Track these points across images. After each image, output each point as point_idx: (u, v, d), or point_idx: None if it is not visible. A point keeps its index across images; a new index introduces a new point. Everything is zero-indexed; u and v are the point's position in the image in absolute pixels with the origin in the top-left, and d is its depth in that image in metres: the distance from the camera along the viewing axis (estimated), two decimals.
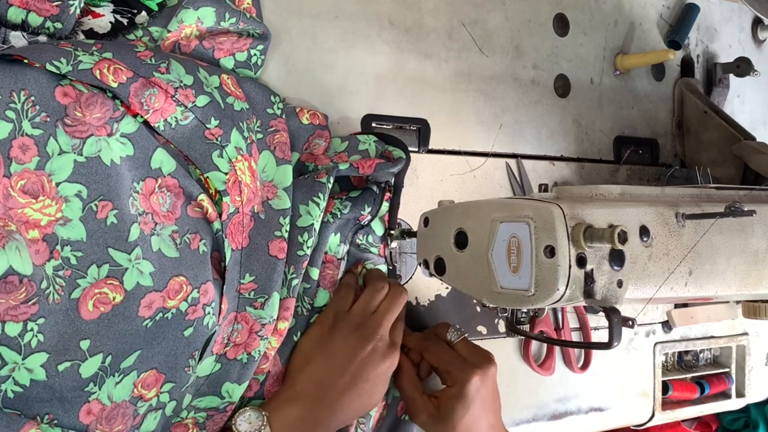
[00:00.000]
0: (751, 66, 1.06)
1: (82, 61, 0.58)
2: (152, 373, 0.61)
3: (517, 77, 0.92)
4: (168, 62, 0.62)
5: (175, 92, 0.62)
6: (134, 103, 0.60)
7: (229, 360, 0.66)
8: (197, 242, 0.64)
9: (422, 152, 0.83)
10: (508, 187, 0.89)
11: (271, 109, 0.72)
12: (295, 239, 0.69)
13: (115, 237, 0.59)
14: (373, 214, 0.75)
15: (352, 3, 0.81)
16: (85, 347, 0.56)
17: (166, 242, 0.62)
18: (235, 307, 0.66)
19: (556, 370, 0.90)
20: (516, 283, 0.59)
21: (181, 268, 0.62)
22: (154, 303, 0.60)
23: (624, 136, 1.01)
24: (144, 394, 0.61)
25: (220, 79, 0.67)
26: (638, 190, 0.71)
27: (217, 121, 0.64)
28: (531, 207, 0.58)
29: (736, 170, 0.99)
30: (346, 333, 0.69)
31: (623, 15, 1.02)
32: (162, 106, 0.61)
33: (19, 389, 0.54)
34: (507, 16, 0.91)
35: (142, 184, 0.61)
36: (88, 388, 0.57)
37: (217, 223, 0.65)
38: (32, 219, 0.56)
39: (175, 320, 0.61)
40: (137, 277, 0.59)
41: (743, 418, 1.18)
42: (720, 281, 0.68)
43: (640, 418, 0.99)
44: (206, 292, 0.63)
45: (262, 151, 0.69)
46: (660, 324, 1.01)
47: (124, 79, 0.59)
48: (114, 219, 0.59)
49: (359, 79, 0.81)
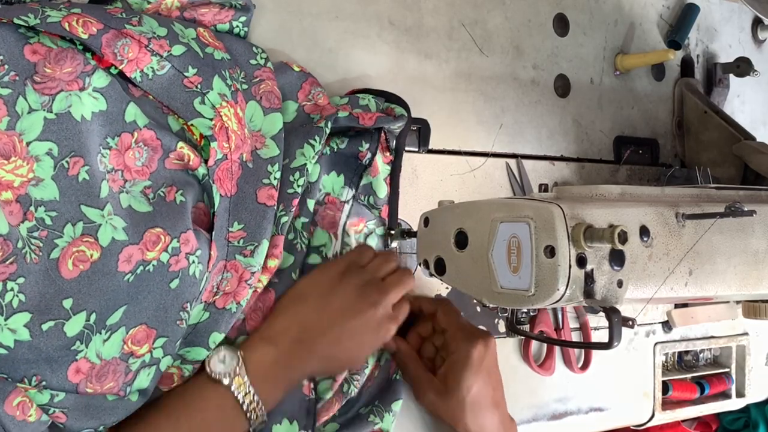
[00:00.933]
0: (751, 66, 1.06)
1: (50, 15, 0.57)
2: (142, 329, 0.60)
3: (517, 77, 0.92)
4: (140, 16, 0.62)
5: (148, 42, 0.61)
6: (107, 54, 0.59)
7: (217, 309, 0.64)
8: (173, 194, 0.63)
9: (422, 152, 0.83)
10: (508, 187, 0.89)
11: (254, 60, 0.71)
12: (286, 179, 0.68)
13: (87, 193, 0.58)
14: (373, 152, 0.74)
15: (352, 3, 0.81)
16: (68, 306, 0.56)
17: (136, 198, 0.61)
18: (225, 255, 0.65)
19: (556, 370, 0.90)
20: (516, 283, 0.59)
21: (156, 220, 0.61)
22: (133, 256, 0.59)
23: (624, 136, 1.01)
24: (135, 350, 0.60)
25: (197, 32, 0.66)
26: (638, 190, 0.71)
27: (195, 69, 0.64)
28: (531, 207, 0.58)
29: (736, 170, 0.99)
30: (351, 286, 0.68)
31: (623, 15, 1.02)
32: (137, 56, 0.61)
33: (4, 351, 0.54)
34: (507, 16, 0.91)
35: (118, 139, 0.60)
36: (74, 347, 0.56)
37: (202, 168, 0.64)
38: (5, 180, 0.55)
39: (158, 272, 0.60)
40: (111, 233, 0.58)
41: (743, 418, 1.18)
42: (720, 281, 0.68)
43: (640, 418, 0.99)
44: (187, 240, 0.61)
45: (249, 101, 0.68)
46: (660, 324, 1.01)
47: (95, 31, 0.58)
48: (86, 175, 0.58)
49: (359, 80, 0.80)
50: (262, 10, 0.75)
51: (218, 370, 0.61)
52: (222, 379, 0.61)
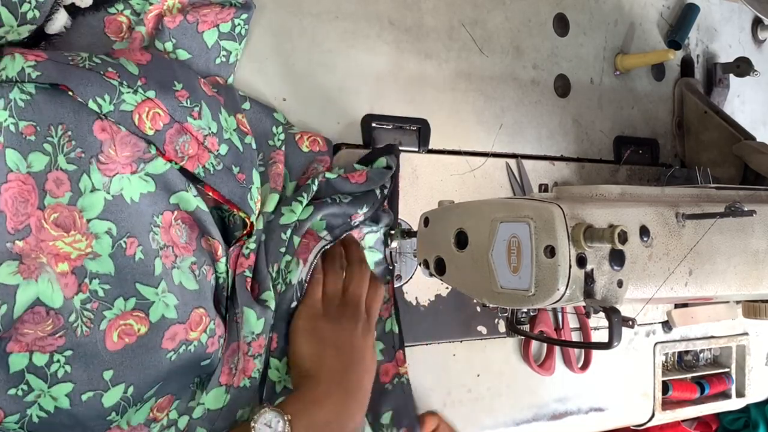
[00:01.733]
0: (751, 66, 1.05)
1: (125, 100, 0.58)
2: (167, 398, 0.63)
3: (517, 77, 0.92)
4: (200, 106, 0.63)
5: (204, 139, 0.63)
6: (169, 151, 0.60)
7: (235, 389, 0.66)
8: (211, 274, 0.65)
9: (422, 152, 0.83)
10: (508, 187, 0.89)
11: (272, 141, 0.73)
12: (278, 237, 0.69)
13: (143, 272, 0.60)
14: (368, 216, 0.75)
15: (352, 3, 0.81)
16: (108, 377, 0.58)
17: (185, 274, 0.63)
18: (236, 336, 0.67)
19: (556, 370, 0.90)
20: (516, 283, 0.59)
21: (201, 300, 0.63)
22: (178, 335, 0.61)
23: (624, 136, 1.01)
24: (158, 416, 0.62)
25: (236, 119, 0.68)
26: (638, 190, 0.71)
27: (237, 168, 0.66)
28: (531, 207, 0.58)
29: (736, 170, 0.99)
30: (337, 317, 0.69)
31: (623, 15, 1.02)
32: (197, 153, 0.62)
33: (44, 414, 0.56)
34: (507, 16, 0.91)
35: (161, 217, 0.62)
36: (110, 417, 0.59)
37: (221, 263, 0.66)
38: (63, 252, 0.57)
39: (197, 353, 0.63)
40: (163, 310, 0.61)
41: (743, 418, 1.18)
42: (720, 281, 0.68)
43: (640, 418, 0.99)
44: (220, 324, 0.65)
45: (264, 184, 0.70)
46: (660, 324, 1.01)
47: (161, 126, 0.60)
48: (141, 255, 0.60)
49: (359, 80, 0.81)
50: (262, 10, 0.75)
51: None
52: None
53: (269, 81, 0.75)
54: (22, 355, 0.55)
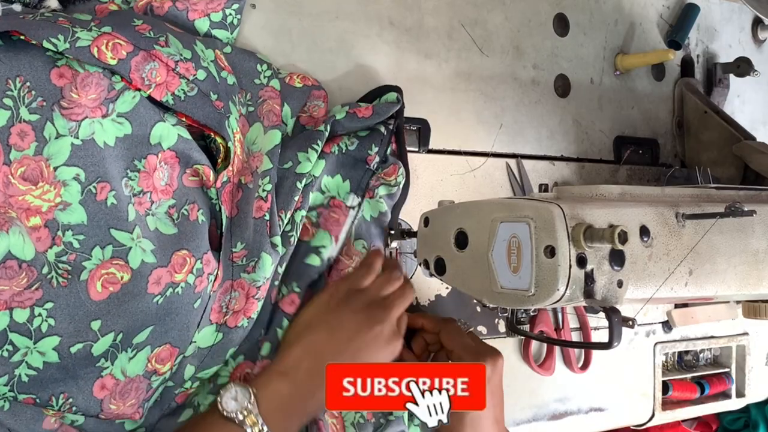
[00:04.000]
0: (751, 66, 1.05)
1: (79, 38, 0.57)
2: (166, 348, 0.61)
3: (517, 77, 0.92)
4: (166, 36, 0.62)
5: (175, 65, 0.62)
6: (135, 79, 0.59)
7: (230, 328, 0.65)
8: (195, 212, 0.64)
9: (422, 152, 0.83)
10: (508, 187, 0.89)
11: (258, 79, 0.72)
12: (293, 186, 0.69)
13: (116, 217, 0.59)
14: (381, 155, 0.75)
15: (352, 3, 0.81)
16: (96, 327, 0.57)
17: (162, 220, 0.62)
18: (230, 275, 0.66)
19: (556, 370, 0.90)
20: (516, 283, 0.59)
21: (182, 242, 0.62)
22: (162, 278, 0.60)
23: (624, 136, 1.01)
24: (158, 368, 0.61)
25: (215, 53, 0.67)
26: (638, 190, 0.71)
27: (216, 95, 0.65)
28: (531, 207, 0.58)
29: (736, 170, 0.99)
30: (356, 309, 0.68)
31: (623, 15, 1.02)
32: (165, 80, 0.61)
33: (33, 372, 0.55)
34: (507, 16, 0.91)
35: (145, 161, 0.61)
36: (99, 363, 0.57)
37: (213, 190, 0.65)
38: (33, 205, 0.56)
39: (186, 294, 0.62)
40: (141, 255, 0.59)
41: (743, 418, 1.18)
42: (720, 281, 0.68)
43: (640, 418, 0.99)
44: (208, 261, 0.63)
45: (253, 123, 0.69)
46: (660, 324, 1.01)
47: (124, 54, 0.59)
48: (113, 200, 0.59)
49: (359, 79, 0.80)
50: (263, 10, 0.75)
51: (230, 408, 0.60)
52: (234, 416, 0.60)
53: None
54: (2, 314, 0.53)
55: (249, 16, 0.75)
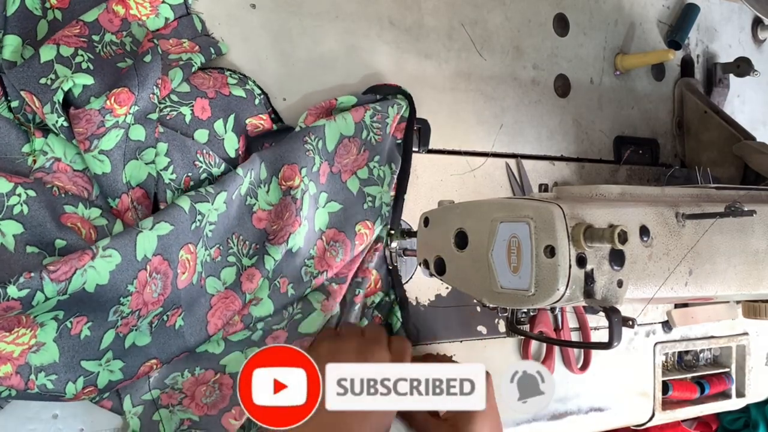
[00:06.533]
0: (751, 66, 1.05)
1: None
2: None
3: (517, 77, 0.92)
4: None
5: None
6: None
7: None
8: (176, 317, 0.65)
9: (422, 152, 0.83)
10: (508, 187, 0.89)
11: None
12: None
13: (88, 348, 0.59)
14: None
15: (352, 3, 0.81)
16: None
17: (142, 333, 0.63)
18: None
19: (556, 371, 0.90)
20: (516, 283, 0.59)
21: (152, 351, 0.63)
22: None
23: (624, 136, 1.01)
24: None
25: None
26: (638, 190, 0.71)
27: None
28: (531, 207, 0.58)
29: (736, 170, 0.99)
30: (352, 348, 0.68)
31: (623, 15, 1.02)
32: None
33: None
34: (507, 16, 0.91)
35: (136, 281, 0.60)
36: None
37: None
38: (4, 353, 0.55)
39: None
40: (108, 376, 0.60)
41: (743, 418, 1.18)
42: (720, 281, 0.68)
43: (640, 418, 0.99)
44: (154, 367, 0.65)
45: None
46: (660, 324, 1.01)
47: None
48: (88, 332, 0.59)
49: (359, 79, 0.80)
50: (263, 10, 0.75)
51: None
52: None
53: (270, 81, 0.75)
54: None
55: (249, 16, 0.75)
